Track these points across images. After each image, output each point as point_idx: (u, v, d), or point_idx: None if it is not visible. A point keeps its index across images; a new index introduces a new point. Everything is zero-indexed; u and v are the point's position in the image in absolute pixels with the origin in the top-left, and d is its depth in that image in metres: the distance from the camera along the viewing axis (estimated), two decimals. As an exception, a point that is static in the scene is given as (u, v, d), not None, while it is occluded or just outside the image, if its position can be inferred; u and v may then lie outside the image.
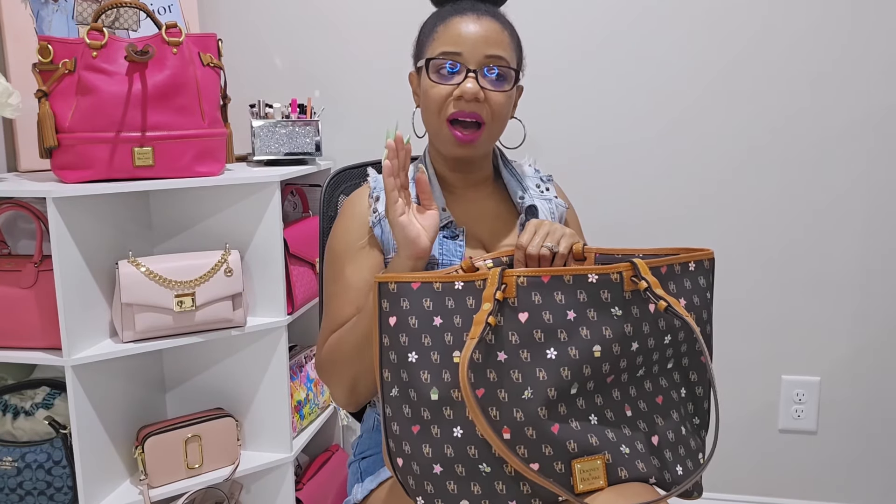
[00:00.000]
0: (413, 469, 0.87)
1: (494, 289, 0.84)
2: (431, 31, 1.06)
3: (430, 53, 1.04)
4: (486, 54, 1.01)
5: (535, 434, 0.82)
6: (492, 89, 1.02)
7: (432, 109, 1.04)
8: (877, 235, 1.73)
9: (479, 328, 0.82)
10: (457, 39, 1.02)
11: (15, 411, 1.43)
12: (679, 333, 0.90)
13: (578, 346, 0.84)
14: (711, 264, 0.95)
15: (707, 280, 0.95)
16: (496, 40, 1.02)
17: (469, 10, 1.04)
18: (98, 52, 1.33)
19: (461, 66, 1.01)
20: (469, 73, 1.01)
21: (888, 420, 1.79)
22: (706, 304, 0.95)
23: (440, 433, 0.85)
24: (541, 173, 1.22)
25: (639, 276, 0.86)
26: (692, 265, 0.93)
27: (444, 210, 1.07)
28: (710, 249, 0.95)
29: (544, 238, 0.95)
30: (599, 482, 0.83)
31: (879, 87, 1.68)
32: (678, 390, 0.94)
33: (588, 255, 0.98)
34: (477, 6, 1.05)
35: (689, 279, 0.93)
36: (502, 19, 1.06)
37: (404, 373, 0.86)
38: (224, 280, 1.45)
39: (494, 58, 1.02)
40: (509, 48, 1.04)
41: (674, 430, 0.91)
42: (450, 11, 1.05)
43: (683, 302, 0.91)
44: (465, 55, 1.01)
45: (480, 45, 1.01)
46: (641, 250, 0.97)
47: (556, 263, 0.96)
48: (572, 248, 0.97)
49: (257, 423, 1.62)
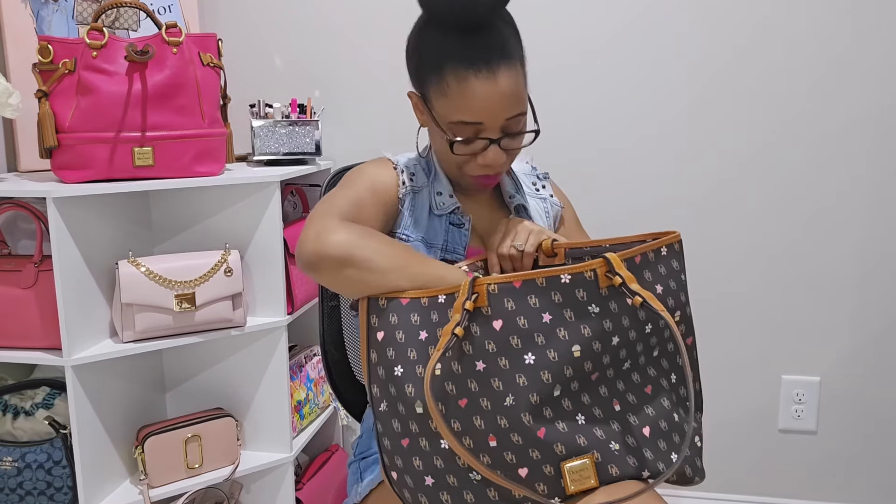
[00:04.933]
0: (407, 482, 0.87)
1: (463, 299, 0.83)
2: (439, 74, 0.96)
3: (444, 112, 0.98)
4: (507, 118, 0.97)
5: (521, 440, 0.82)
6: (514, 147, 1.01)
7: (451, 164, 1.03)
8: (876, 235, 1.73)
9: (445, 339, 0.81)
10: (476, 110, 0.95)
11: (15, 411, 1.43)
12: (659, 321, 0.90)
13: (557, 349, 0.83)
14: (680, 246, 0.96)
15: (679, 262, 0.95)
16: (514, 96, 0.96)
17: (482, 61, 0.94)
18: (98, 52, 1.33)
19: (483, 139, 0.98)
20: (491, 142, 0.98)
21: (888, 420, 1.79)
22: (682, 287, 0.95)
23: (428, 445, 0.85)
24: (537, 171, 1.22)
25: (613, 271, 0.85)
26: (664, 250, 0.93)
27: (452, 196, 1.07)
28: (677, 231, 0.95)
29: (513, 238, 0.95)
30: (590, 482, 0.83)
31: (878, 88, 1.68)
32: (668, 377, 0.94)
33: (558, 251, 0.98)
34: (487, 51, 0.94)
35: (663, 264, 0.93)
36: (512, 52, 0.97)
37: (392, 387, 0.86)
38: (224, 280, 1.45)
39: (515, 118, 0.98)
40: (524, 87, 0.99)
41: (665, 419, 0.90)
42: (459, 60, 0.94)
43: (661, 288, 0.91)
44: (486, 124, 0.96)
45: (499, 109, 0.95)
46: (608, 240, 0.97)
47: (525, 261, 0.96)
48: (541, 244, 0.97)
49: (257, 423, 1.62)
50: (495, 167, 1.00)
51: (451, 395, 0.83)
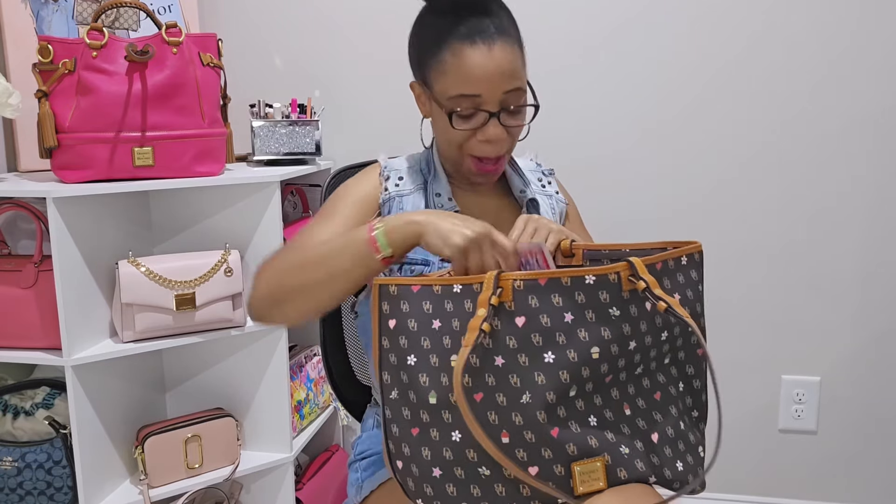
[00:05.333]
0: (412, 471, 0.87)
1: (490, 294, 0.82)
2: (436, 52, 0.99)
3: (443, 89, 0.99)
4: (504, 91, 0.97)
5: (534, 438, 0.82)
6: (514, 125, 1.01)
7: (452, 145, 1.03)
8: (877, 235, 1.73)
9: (473, 335, 0.81)
10: (473, 80, 0.96)
11: (15, 411, 1.43)
12: (675, 329, 0.90)
13: (576, 349, 0.83)
14: (701, 257, 0.95)
15: (698, 273, 0.95)
16: (512, 70, 0.97)
17: (478, 35, 0.96)
18: (98, 52, 1.33)
19: (482, 111, 0.98)
20: (491, 115, 0.98)
21: (888, 420, 1.79)
22: (699, 297, 0.95)
23: (439, 436, 0.85)
24: (542, 167, 1.21)
25: (637, 275, 0.86)
26: (684, 259, 0.93)
27: (451, 199, 1.07)
28: (698, 242, 0.95)
29: (532, 234, 0.95)
30: (599, 483, 0.83)
31: (879, 88, 1.68)
32: (676, 385, 0.94)
33: (576, 252, 0.98)
34: (484, 28, 0.97)
35: (683, 273, 0.93)
36: (509, 31, 1.00)
37: (404, 375, 0.86)
38: (224, 280, 1.45)
39: (513, 92, 0.98)
40: (522, 66, 1.00)
41: (673, 426, 0.91)
42: (454, 32, 0.98)
43: (678, 297, 0.91)
44: (485, 96, 0.97)
45: (498, 82, 0.97)
46: (628, 245, 0.97)
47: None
48: (560, 244, 0.97)
49: (257, 423, 1.62)
50: (495, 143, 1.00)
51: (467, 388, 0.83)
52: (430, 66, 1.01)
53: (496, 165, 1.04)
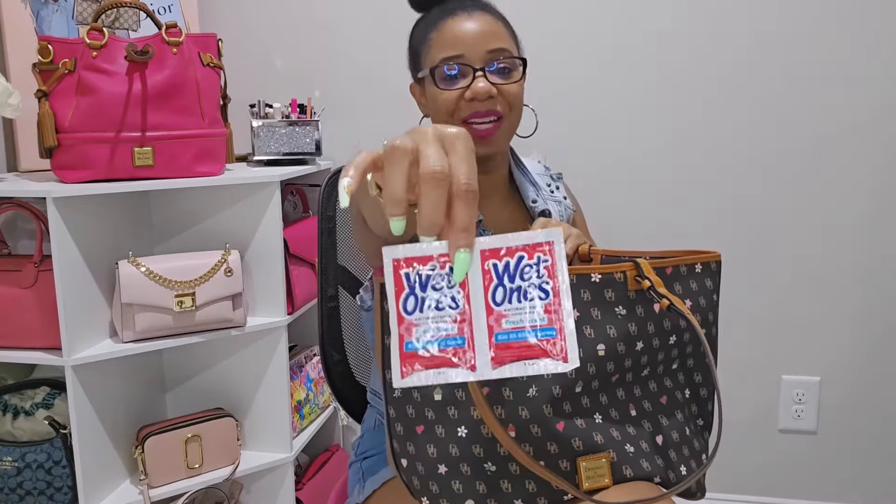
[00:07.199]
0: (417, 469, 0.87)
1: None
2: (424, 39, 1.03)
3: (431, 62, 1.01)
4: (487, 49, 0.99)
5: (540, 432, 0.82)
6: (503, 82, 1.01)
7: (444, 113, 1.02)
8: (877, 235, 1.73)
9: None
10: (454, 42, 0.99)
11: (15, 411, 1.43)
12: (684, 334, 0.90)
13: (583, 346, 0.83)
14: (718, 266, 0.95)
15: (714, 282, 0.94)
16: (494, 33, 1.00)
17: (458, 8, 1.01)
18: (98, 52, 1.33)
19: (466, 67, 0.99)
20: (476, 72, 0.99)
21: (888, 420, 1.79)
22: (712, 307, 0.94)
23: (445, 433, 0.85)
24: (550, 171, 1.21)
25: (642, 275, 0.86)
26: (699, 267, 0.93)
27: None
28: (718, 252, 0.95)
29: None
30: (604, 480, 0.84)
31: (880, 89, 1.67)
32: (682, 391, 0.94)
33: (594, 257, 0.98)
34: (464, 5, 1.01)
35: (696, 281, 0.92)
36: (492, 10, 1.03)
37: None
38: (224, 280, 1.45)
39: (497, 51, 1.00)
40: (508, 38, 1.02)
41: (678, 431, 0.91)
42: (438, 15, 1.02)
43: (689, 303, 0.91)
44: (468, 55, 0.99)
45: (479, 41, 0.99)
46: (649, 252, 0.97)
47: None
48: (578, 248, 0.96)
49: (257, 423, 1.62)
50: (480, 97, 0.98)
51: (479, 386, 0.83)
52: (421, 53, 1.04)
53: (493, 127, 1.01)
